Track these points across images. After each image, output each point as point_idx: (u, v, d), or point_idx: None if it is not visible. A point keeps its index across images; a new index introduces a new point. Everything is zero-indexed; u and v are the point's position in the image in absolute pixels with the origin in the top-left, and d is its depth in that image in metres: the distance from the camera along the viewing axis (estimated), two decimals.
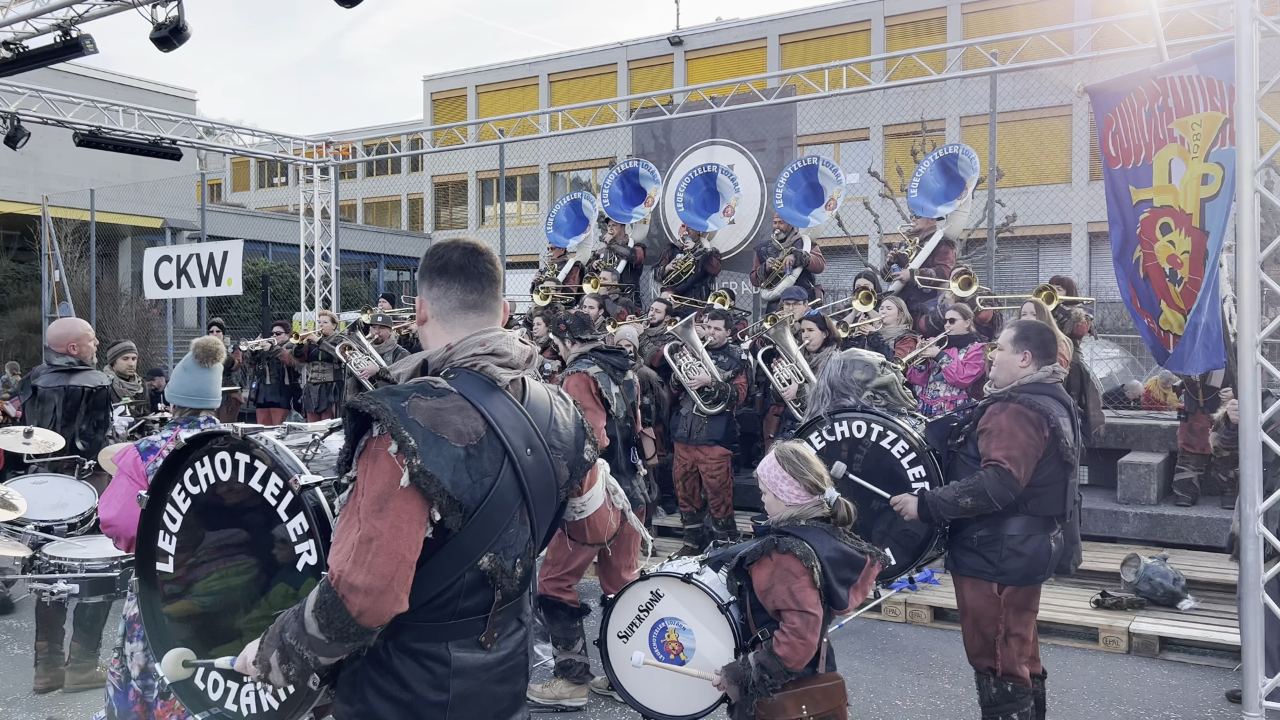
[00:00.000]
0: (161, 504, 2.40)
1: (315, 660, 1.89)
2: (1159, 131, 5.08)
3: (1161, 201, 5.12)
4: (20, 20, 8.93)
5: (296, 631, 1.89)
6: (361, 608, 1.84)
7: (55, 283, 17.44)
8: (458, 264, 2.12)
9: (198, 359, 3.83)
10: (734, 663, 3.08)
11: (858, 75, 10.99)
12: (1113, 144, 5.45)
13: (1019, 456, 3.75)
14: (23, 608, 6.78)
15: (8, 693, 5.24)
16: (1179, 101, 4.90)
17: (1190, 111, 4.85)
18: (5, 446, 7.27)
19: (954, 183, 9.35)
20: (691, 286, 10.31)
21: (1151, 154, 5.17)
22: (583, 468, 2.23)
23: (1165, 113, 5.01)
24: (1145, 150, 5.21)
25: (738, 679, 3.03)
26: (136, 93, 20.71)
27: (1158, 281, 5.20)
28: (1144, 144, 5.21)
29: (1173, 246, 5.06)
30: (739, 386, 7.54)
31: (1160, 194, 5.14)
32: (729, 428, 7.65)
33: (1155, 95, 5.04)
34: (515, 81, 34.26)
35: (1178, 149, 4.98)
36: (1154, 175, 5.16)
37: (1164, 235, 5.13)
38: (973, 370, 7.01)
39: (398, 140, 17.59)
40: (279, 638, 1.92)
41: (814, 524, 3.17)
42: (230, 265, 13.93)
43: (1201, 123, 4.80)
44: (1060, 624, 6.06)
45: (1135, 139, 5.26)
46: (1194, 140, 4.84)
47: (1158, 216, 5.15)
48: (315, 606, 1.87)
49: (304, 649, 1.88)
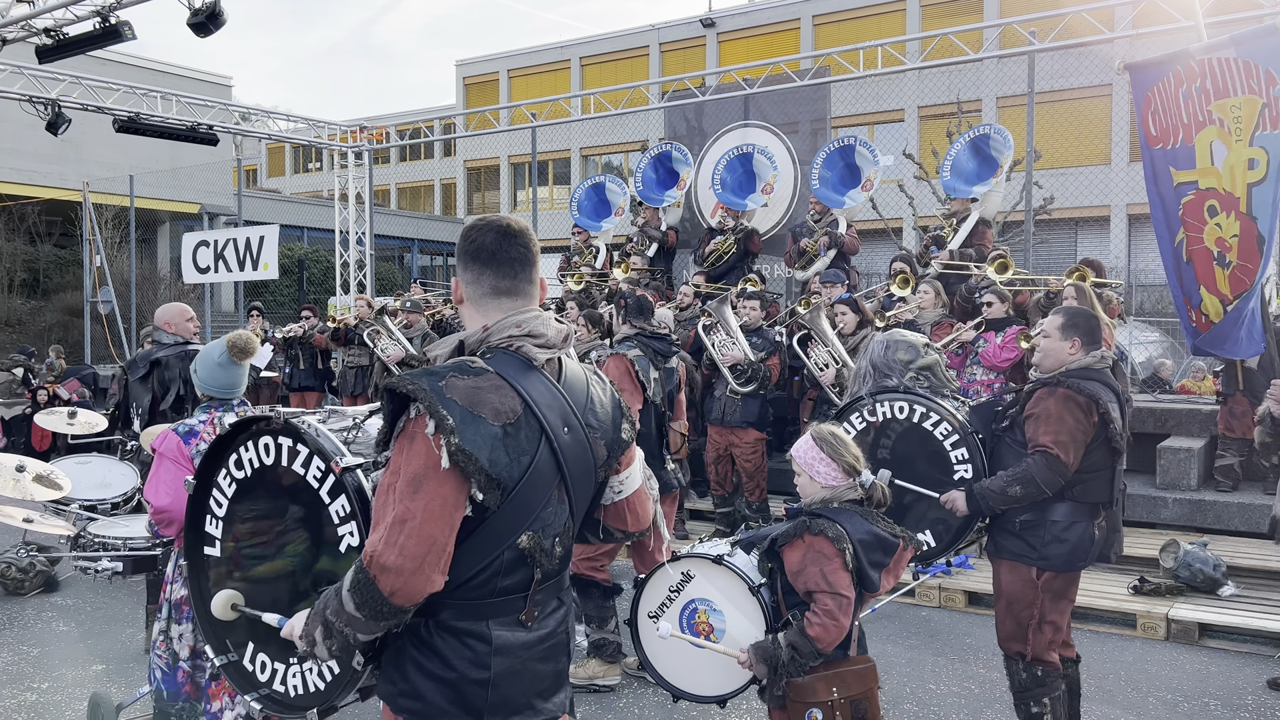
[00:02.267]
0: (208, 488, 2.44)
1: (354, 636, 1.94)
2: (1198, 113, 5.00)
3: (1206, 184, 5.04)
4: (60, 7, 9.05)
5: (336, 609, 1.93)
6: (393, 588, 1.87)
7: (96, 268, 17.74)
8: (490, 249, 2.13)
9: (232, 355, 3.85)
10: (764, 641, 3.08)
11: (893, 55, 10.87)
12: (1153, 123, 5.37)
13: (1067, 441, 3.70)
14: (68, 585, 6.94)
15: (54, 667, 5.36)
16: (1217, 83, 4.82)
17: (1228, 94, 4.76)
18: (50, 427, 7.46)
19: (986, 163, 9.24)
20: (733, 267, 10.24)
21: (1191, 136, 5.09)
22: (620, 447, 2.24)
23: (1204, 94, 4.93)
24: (1184, 131, 5.13)
25: (767, 658, 3.03)
26: (173, 79, 20.95)
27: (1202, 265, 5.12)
28: (1182, 125, 5.13)
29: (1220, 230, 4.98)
30: (772, 367, 7.52)
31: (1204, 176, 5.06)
32: (763, 410, 7.63)
33: (1193, 76, 4.96)
34: (547, 65, 34.22)
35: (1217, 131, 4.90)
36: (1196, 158, 5.08)
37: (1211, 218, 5.04)
38: (1010, 354, 6.93)
39: (430, 125, 17.66)
40: (322, 614, 1.96)
41: (847, 506, 3.16)
42: (266, 250, 14.10)
43: (1240, 105, 4.71)
44: (1097, 609, 6.00)
45: (1174, 119, 5.17)
46: (1234, 123, 4.75)
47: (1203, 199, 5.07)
48: (350, 585, 1.91)
49: (343, 626, 1.93)
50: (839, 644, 3.05)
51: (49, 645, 5.73)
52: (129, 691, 4.77)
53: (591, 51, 33.32)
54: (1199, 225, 5.13)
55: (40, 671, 5.30)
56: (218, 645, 2.43)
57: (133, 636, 5.84)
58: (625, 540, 2.41)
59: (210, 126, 13.71)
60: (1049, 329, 3.97)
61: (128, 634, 5.91)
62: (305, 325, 11.03)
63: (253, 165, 40.73)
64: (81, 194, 18.15)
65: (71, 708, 4.79)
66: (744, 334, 7.56)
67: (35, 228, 22.81)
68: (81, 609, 6.44)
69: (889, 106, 23.60)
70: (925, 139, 22.79)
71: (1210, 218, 5.04)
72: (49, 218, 22.96)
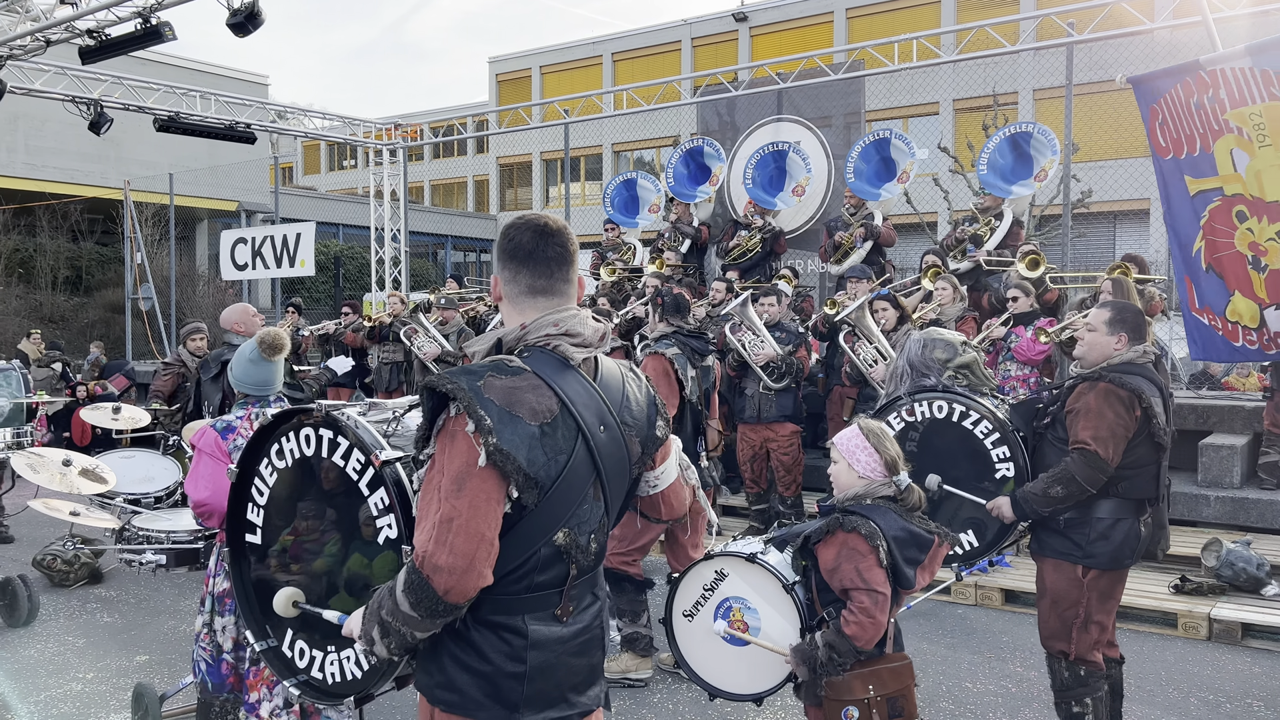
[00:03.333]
0: (250, 479, 2.49)
1: (411, 635, 1.97)
2: (1212, 122, 4.95)
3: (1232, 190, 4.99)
4: (103, 9, 9.20)
5: (392, 609, 1.95)
6: (447, 586, 1.89)
7: (137, 265, 18.03)
8: (527, 249, 2.13)
9: (263, 352, 3.90)
10: (802, 643, 3.07)
11: (928, 48, 10.77)
12: (1161, 135, 5.32)
13: (1107, 437, 3.65)
14: (111, 577, 7.07)
15: (99, 658, 5.47)
16: (1232, 93, 4.77)
17: (1245, 103, 4.72)
18: (95, 422, 7.60)
19: (1023, 160, 9.13)
20: (756, 265, 10.23)
21: (1210, 144, 5.02)
22: (655, 444, 2.25)
23: (1218, 104, 4.88)
24: (1200, 140, 5.07)
25: (806, 659, 3.03)
26: (212, 78, 21.21)
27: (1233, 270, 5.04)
28: (1197, 134, 5.07)
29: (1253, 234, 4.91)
30: (801, 359, 7.50)
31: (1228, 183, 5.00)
32: (797, 403, 7.60)
33: (1205, 87, 4.90)
34: (579, 61, 34.25)
35: (1236, 139, 4.85)
36: (1217, 164, 5.02)
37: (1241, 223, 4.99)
38: (1044, 347, 6.87)
39: (464, 122, 17.75)
40: (378, 614, 1.99)
41: (880, 503, 3.14)
42: (303, 247, 14.26)
43: (1261, 113, 4.66)
44: (1138, 609, 5.93)
45: (1186, 129, 5.11)
46: (1255, 130, 4.71)
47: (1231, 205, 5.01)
48: (404, 586, 1.93)
49: (400, 625, 1.95)
50: (877, 641, 3.03)
51: (93, 636, 5.84)
52: (172, 682, 4.85)
53: (624, 47, 33.32)
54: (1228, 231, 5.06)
55: (85, 662, 5.41)
56: (258, 630, 2.47)
57: (174, 628, 5.95)
58: (659, 524, 2.45)
59: (248, 125, 13.87)
60: (1095, 323, 3.91)
61: (170, 625, 6.02)
62: (342, 321, 11.15)
63: (289, 163, 41.16)
64: (123, 192, 18.45)
65: (116, 697, 4.88)
66: (768, 330, 7.54)
67: (78, 226, 23.19)
68: (125, 600, 6.56)
69: (923, 100, 23.39)
70: (960, 132, 22.56)
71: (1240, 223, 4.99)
72: (91, 216, 23.33)
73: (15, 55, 10.63)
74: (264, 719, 3.63)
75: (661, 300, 5.47)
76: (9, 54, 10.57)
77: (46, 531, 7.90)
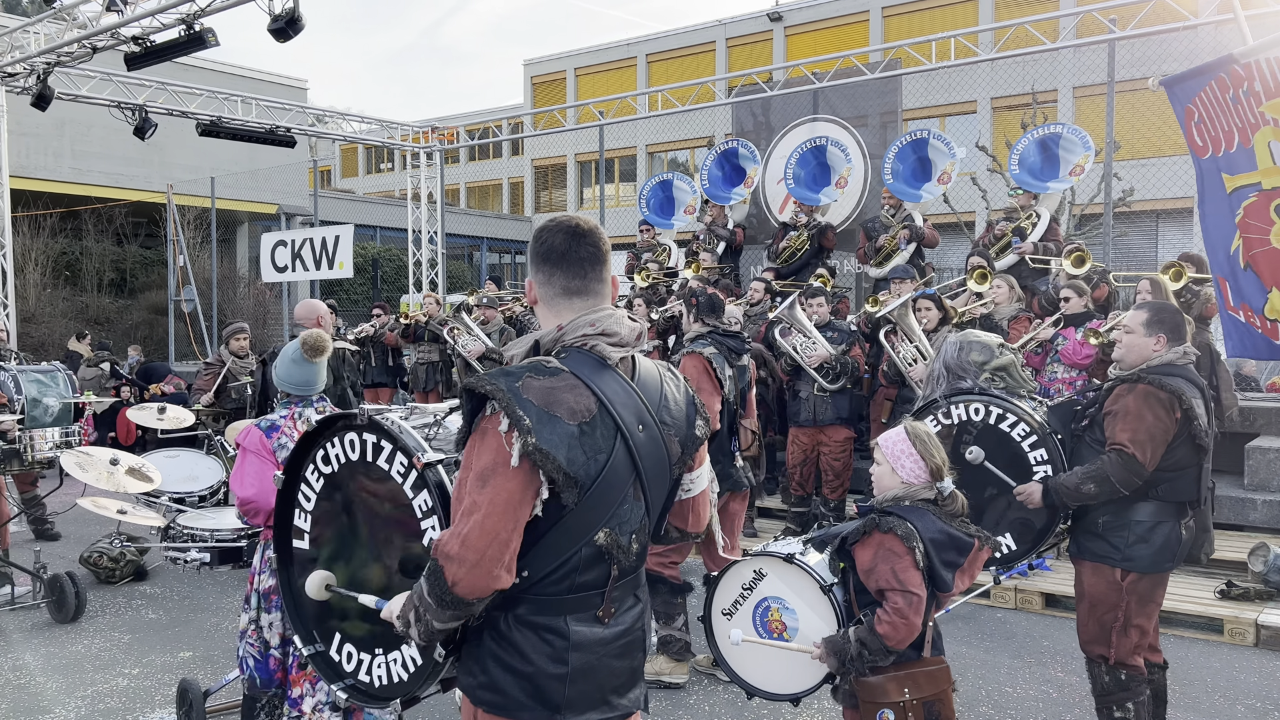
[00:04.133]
0: (296, 483, 2.52)
1: (431, 623, 2.00)
2: (1248, 116, 4.85)
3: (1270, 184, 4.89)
4: (148, 15, 9.37)
5: (420, 595, 2.00)
6: (455, 577, 1.92)
7: (180, 267, 18.33)
8: (560, 251, 2.14)
9: (305, 353, 3.94)
10: (834, 636, 3.07)
11: (966, 46, 10.68)
12: (1198, 134, 5.23)
13: (1145, 440, 3.61)
14: (155, 574, 7.20)
15: (144, 653, 5.57)
16: (1267, 84, 4.68)
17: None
18: (141, 422, 7.74)
19: (1049, 161, 9.05)
20: (806, 264, 10.15)
21: (1248, 138, 4.93)
22: (694, 444, 2.25)
23: (1253, 97, 4.79)
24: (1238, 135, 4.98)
25: (836, 651, 3.02)
26: (252, 83, 21.48)
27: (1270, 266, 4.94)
28: (1235, 129, 4.98)
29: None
30: (856, 358, 7.44)
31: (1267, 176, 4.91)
32: (854, 404, 7.52)
33: (1239, 80, 4.81)
34: (613, 63, 34.31)
35: (1272, 131, 4.76)
36: (1256, 158, 4.93)
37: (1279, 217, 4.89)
38: (1090, 350, 6.77)
39: (499, 125, 17.87)
40: (412, 599, 2.03)
41: (919, 505, 3.12)
42: (341, 249, 14.41)
43: None
44: (1182, 614, 5.83)
45: (1224, 124, 5.02)
46: None
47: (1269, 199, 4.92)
48: (426, 573, 1.98)
49: (425, 611, 1.99)
50: (912, 644, 3.02)
51: (139, 632, 5.95)
52: (215, 678, 4.93)
53: (658, 48, 33.33)
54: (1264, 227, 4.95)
55: (131, 657, 5.51)
56: (306, 635, 2.50)
57: (217, 625, 6.04)
58: (681, 540, 2.42)
59: (288, 129, 14.05)
60: (1132, 324, 3.86)
61: (212, 622, 6.11)
62: (377, 324, 11.27)
63: (327, 166, 41.62)
64: (166, 196, 18.77)
65: (161, 693, 4.97)
66: (818, 331, 7.49)
67: (122, 229, 23.61)
68: (169, 597, 6.68)
69: (961, 98, 23.15)
70: (998, 131, 22.30)
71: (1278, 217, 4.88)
72: (135, 219, 23.74)
73: (63, 62, 10.86)
74: (306, 713, 3.68)
75: (696, 301, 5.46)
76: (56, 61, 10.80)
77: (93, 529, 8.07)
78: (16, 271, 13.55)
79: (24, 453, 6.15)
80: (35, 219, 21.04)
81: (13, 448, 6.15)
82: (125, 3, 9.43)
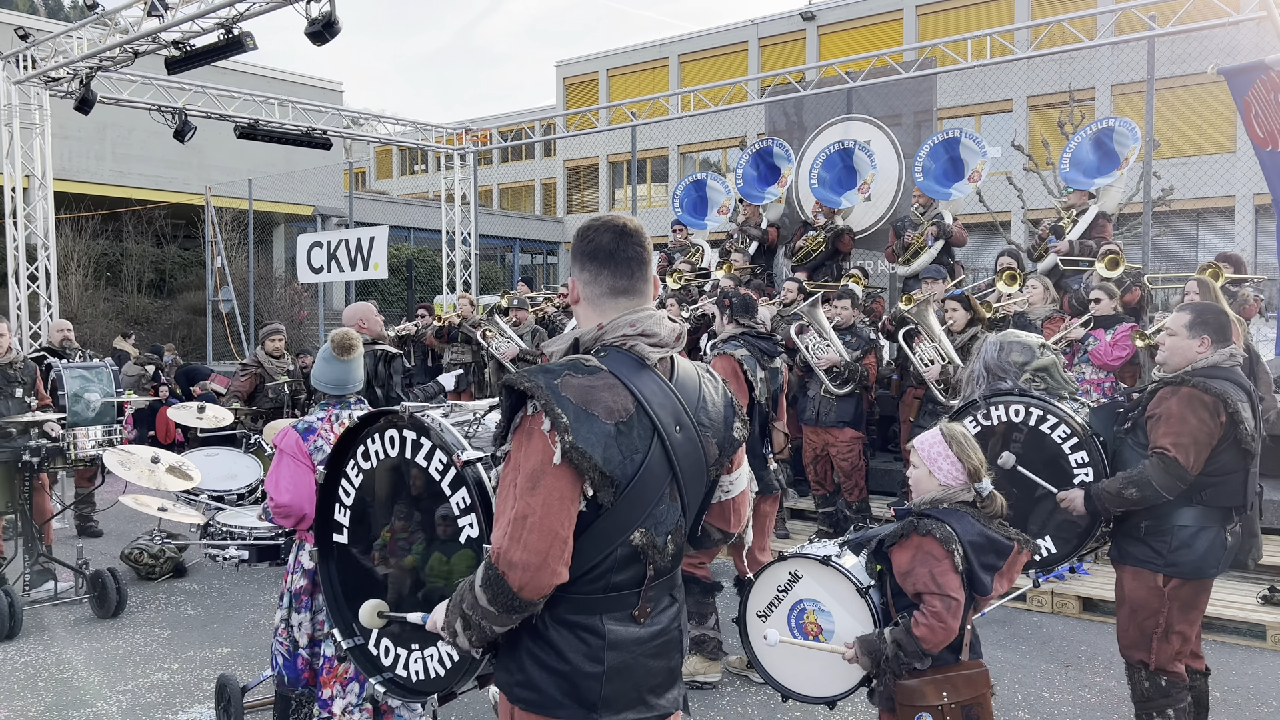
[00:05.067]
0: (337, 479, 2.55)
1: (490, 629, 2.00)
2: None
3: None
4: (188, 20, 9.51)
5: (472, 603, 1.99)
6: (521, 583, 1.92)
7: (217, 268, 18.60)
8: (608, 250, 2.13)
9: (335, 352, 3.98)
10: (869, 636, 3.04)
11: (1002, 44, 10.57)
12: (1258, 125, 5.16)
13: (1188, 444, 3.55)
14: (194, 571, 7.30)
15: (183, 649, 5.65)
16: None
17: None
18: (180, 420, 7.86)
19: (1108, 157, 8.92)
20: (821, 265, 10.14)
21: None
22: (732, 445, 2.24)
23: None
24: None
25: (871, 651, 3.00)
26: (288, 86, 21.76)
27: None
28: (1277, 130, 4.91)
29: None
30: (868, 366, 7.40)
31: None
32: (858, 409, 7.50)
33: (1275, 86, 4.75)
34: (646, 64, 34.33)
35: None
36: None
37: None
38: (1121, 352, 6.69)
39: (532, 126, 17.93)
40: (459, 607, 2.03)
41: (958, 507, 3.10)
42: (376, 250, 14.54)
43: None
44: (1224, 620, 5.74)
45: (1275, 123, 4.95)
46: None
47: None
48: (482, 582, 1.97)
49: (480, 619, 1.99)
50: (950, 647, 2.99)
51: (178, 628, 6.04)
52: (252, 674, 4.99)
53: (690, 49, 33.31)
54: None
55: (171, 653, 5.59)
56: (345, 629, 2.53)
57: (254, 622, 6.12)
58: (723, 542, 2.40)
59: (324, 131, 14.19)
60: (1175, 326, 3.80)
61: (250, 619, 6.19)
62: (420, 323, 11.37)
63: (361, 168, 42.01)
64: (204, 198, 19.05)
65: (200, 688, 5.04)
66: (836, 333, 7.46)
67: (162, 230, 24.00)
68: (207, 594, 6.77)
69: (996, 97, 22.93)
70: (1034, 129, 22.06)
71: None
72: (174, 221, 24.12)
73: (105, 67, 11.04)
74: (336, 714, 3.71)
75: (729, 301, 5.44)
76: (99, 65, 10.98)
77: (133, 526, 8.20)
78: (60, 272, 13.79)
79: (67, 450, 6.26)
80: (77, 221, 21.44)
81: (57, 445, 6.26)
82: (166, 7, 9.58)
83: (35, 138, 12.43)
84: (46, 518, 6.58)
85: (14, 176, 12.32)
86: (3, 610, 5.75)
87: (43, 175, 12.53)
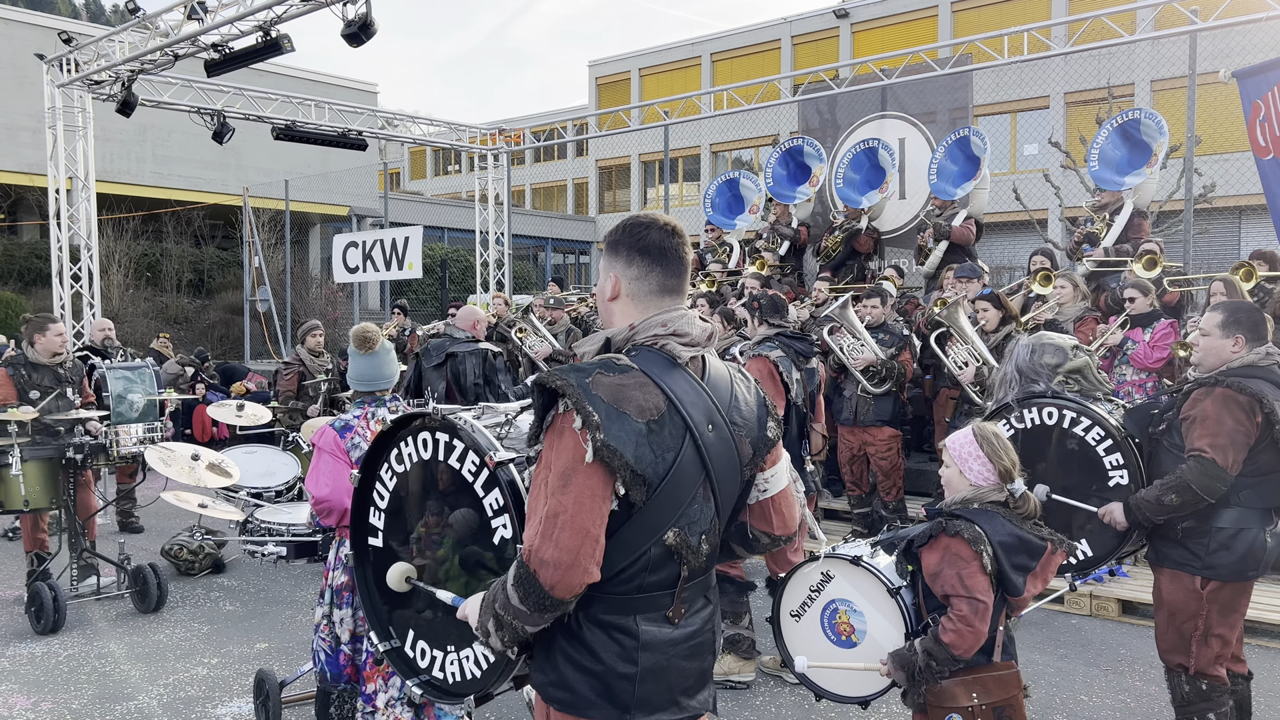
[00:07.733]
0: (371, 482, 2.57)
1: (523, 629, 2.00)
2: None
3: None
4: (227, 23, 9.65)
5: (504, 603, 2.00)
6: (552, 581, 1.92)
7: (255, 268, 18.83)
8: (660, 246, 2.12)
9: (356, 346, 4.03)
10: (901, 649, 3.03)
11: (1039, 40, 10.45)
12: (1261, 133, 5.06)
13: (1225, 444, 3.50)
14: (233, 567, 7.40)
15: (222, 644, 5.74)
16: None
17: None
18: (219, 418, 7.98)
19: (1137, 149, 8.79)
20: (841, 264, 10.11)
21: None
22: (765, 445, 2.22)
23: None
24: None
25: (904, 665, 2.99)
26: (324, 87, 21.99)
27: None
28: None
29: None
30: (904, 363, 7.35)
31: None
32: (896, 407, 7.45)
33: None
34: (678, 63, 34.29)
35: None
36: None
37: None
38: (1161, 353, 6.60)
39: (564, 126, 17.97)
40: (492, 607, 2.03)
41: (989, 507, 3.07)
42: (411, 250, 14.65)
43: None
44: (1265, 624, 5.64)
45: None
46: None
47: None
48: (514, 581, 1.97)
49: (511, 619, 1.99)
50: (981, 649, 2.97)
51: (217, 623, 6.13)
52: (290, 669, 5.05)
53: (722, 47, 33.22)
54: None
55: (210, 647, 5.68)
56: (382, 632, 2.55)
57: (292, 618, 6.20)
58: (773, 547, 2.34)
59: (359, 132, 14.33)
60: (1208, 327, 3.75)
61: (288, 615, 6.27)
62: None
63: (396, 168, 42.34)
64: (242, 199, 19.30)
65: (239, 683, 5.12)
66: (869, 332, 7.41)
67: (200, 231, 24.37)
68: (246, 590, 6.86)
69: (1033, 94, 22.64)
70: (1072, 126, 21.76)
71: None
72: (212, 221, 24.46)
73: (146, 70, 11.23)
74: (379, 708, 3.75)
75: (759, 303, 5.42)
76: (140, 68, 11.17)
77: (174, 522, 8.33)
78: (101, 272, 14.04)
79: (110, 448, 6.38)
80: (118, 222, 21.81)
81: (99, 443, 6.38)
82: (206, 10, 9.72)
83: (78, 140, 12.67)
84: (90, 514, 6.71)
85: (58, 178, 12.57)
86: (48, 604, 5.87)
87: (85, 177, 12.77)
